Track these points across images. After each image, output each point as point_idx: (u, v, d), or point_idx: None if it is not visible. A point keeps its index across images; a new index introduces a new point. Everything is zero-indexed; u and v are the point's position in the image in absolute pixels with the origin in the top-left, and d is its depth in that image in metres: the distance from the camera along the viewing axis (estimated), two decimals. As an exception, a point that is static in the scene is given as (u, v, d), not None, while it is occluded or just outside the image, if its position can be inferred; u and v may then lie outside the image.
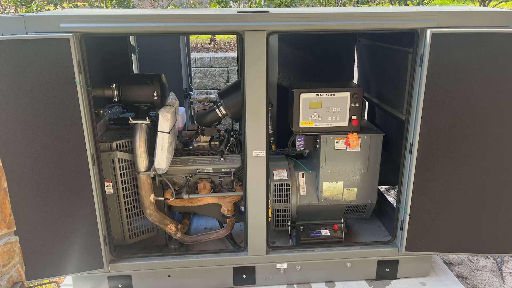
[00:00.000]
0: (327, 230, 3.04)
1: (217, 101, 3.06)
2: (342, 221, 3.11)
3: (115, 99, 2.69)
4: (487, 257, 3.52)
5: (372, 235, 3.24)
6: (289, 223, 3.09)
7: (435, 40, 2.28)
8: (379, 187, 3.19)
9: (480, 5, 7.20)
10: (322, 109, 2.86)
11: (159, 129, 2.66)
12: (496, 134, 2.44)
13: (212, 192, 2.92)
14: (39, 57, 2.16)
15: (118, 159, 2.71)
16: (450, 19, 2.36)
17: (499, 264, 3.42)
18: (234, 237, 3.18)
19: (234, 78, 6.29)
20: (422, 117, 2.42)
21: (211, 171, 2.91)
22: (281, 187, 2.99)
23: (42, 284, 2.94)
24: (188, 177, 2.91)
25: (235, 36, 5.86)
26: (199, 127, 3.08)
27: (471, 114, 2.41)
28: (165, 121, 2.65)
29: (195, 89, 6.18)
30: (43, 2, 6.54)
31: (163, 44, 4.08)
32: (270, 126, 2.73)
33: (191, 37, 7.61)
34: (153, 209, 2.81)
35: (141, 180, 2.74)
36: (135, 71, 3.79)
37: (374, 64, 3.30)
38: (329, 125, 2.90)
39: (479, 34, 2.28)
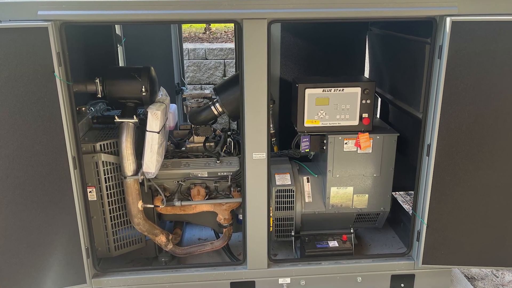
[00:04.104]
0: (335, 241, 3.04)
1: (213, 97, 3.06)
2: (352, 231, 3.12)
3: (99, 95, 2.69)
4: (514, 271, 3.52)
5: (385, 247, 3.24)
6: (292, 233, 3.09)
7: (456, 29, 2.28)
8: (393, 193, 3.19)
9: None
10: (329, 106, 2.86)
11: (148, 129, 2.66)
12: (523, 134, 2.44)
13: (207, 199, 2.92)
14: (14, 48, 2.16)
15: (102, 161, 2.71)
16: (472, 5, 2.35)
17: (527, 279, 3.42)
18: (232, 249, 3.18)
19: (231, 71, 6.29)
20: (441, 115, 2.42)
21: (206, 175, 2.91)
22: (284, 193, 2.99)
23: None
24: (180, 182, 2.91)
25: (232, 25, 5.86)
26: (193, 126, 3.08)
27: (495, 111, 2.41)
28: (154, 119, 2.65)
29: (188, 84, 6.18)
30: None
31: (152, 34, 4.08)
32: (271, 125, 2.73)
33: (184, 26, 7.62)
34: (141, 218, 2.81)
35: (128, 185, 2.74)
36: (121, 64, 3.79)
37: (387, 56, 3.30)
38: (337, 124, 2.90)
39: (504, 22, 2.28)
